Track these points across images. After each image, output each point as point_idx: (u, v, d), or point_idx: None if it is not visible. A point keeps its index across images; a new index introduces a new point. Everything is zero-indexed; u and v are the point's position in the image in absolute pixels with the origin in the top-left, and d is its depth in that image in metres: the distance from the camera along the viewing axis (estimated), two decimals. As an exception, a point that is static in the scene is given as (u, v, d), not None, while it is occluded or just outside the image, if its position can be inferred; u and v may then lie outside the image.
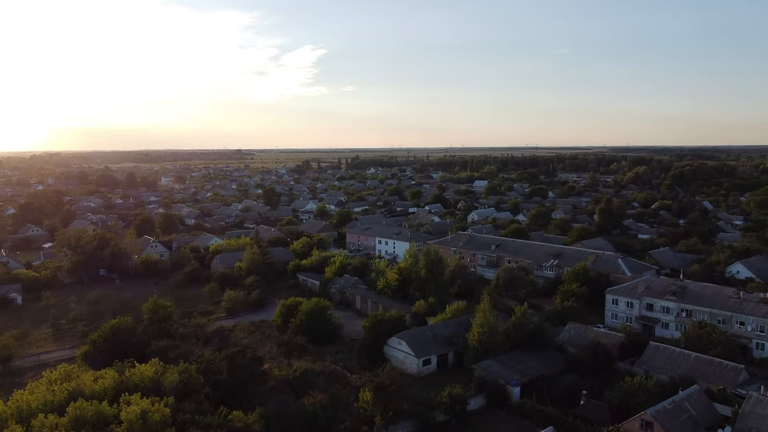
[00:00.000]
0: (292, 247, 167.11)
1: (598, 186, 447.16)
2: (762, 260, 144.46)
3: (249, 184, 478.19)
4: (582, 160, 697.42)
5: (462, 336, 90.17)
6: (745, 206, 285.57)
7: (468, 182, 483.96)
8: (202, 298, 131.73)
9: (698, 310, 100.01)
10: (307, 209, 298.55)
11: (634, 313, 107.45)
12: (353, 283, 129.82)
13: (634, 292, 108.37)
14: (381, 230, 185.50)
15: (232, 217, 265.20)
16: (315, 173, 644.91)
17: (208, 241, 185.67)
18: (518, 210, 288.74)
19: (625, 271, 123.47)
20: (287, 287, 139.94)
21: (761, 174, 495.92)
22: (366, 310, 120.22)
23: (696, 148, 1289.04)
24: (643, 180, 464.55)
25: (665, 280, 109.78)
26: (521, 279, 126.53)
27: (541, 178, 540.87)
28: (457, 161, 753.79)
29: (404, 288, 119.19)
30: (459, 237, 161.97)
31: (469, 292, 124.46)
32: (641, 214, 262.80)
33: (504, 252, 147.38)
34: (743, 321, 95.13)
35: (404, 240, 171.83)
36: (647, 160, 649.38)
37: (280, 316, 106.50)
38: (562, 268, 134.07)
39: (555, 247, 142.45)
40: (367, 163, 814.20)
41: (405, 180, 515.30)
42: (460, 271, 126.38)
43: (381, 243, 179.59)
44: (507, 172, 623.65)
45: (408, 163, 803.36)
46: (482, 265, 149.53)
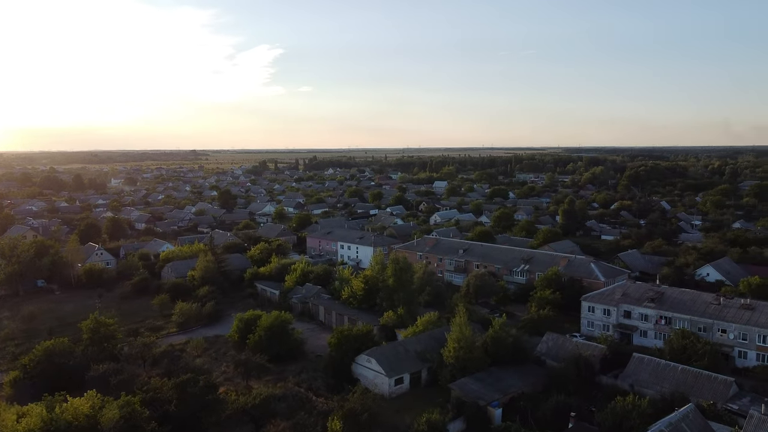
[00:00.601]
0: (250, 254, 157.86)
1: (556, 186, 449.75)
2: (729, 262, 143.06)
3: (204, 185, 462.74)
4: (539, 160, 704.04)
5: (436, 351, 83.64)
6: (702, 206, 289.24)
7: (428, 183, 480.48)
8: (151, 311, 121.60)
9: (678, 318, 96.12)
10: (264, 212, 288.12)
11: (611, 320, 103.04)
12: (316, 292, 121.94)
13: (611, 299, 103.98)
14: (343, 234, 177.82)
15: (185, 221, 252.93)
16: (272, 174, 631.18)
17: (159, 247, 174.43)
18: (481, 211, 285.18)
19: (598, 276, 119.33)
20: (244, 297, 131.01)
21: (712, 174, 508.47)
22: (330, 321, 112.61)
23: (645, 148, 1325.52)
24: (600, 180, 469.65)
25: (642, 286, 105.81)
26: (492, 285, 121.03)
27: (500, 178, 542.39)
28: (416, 162, 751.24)
29: (371, 297, 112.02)
30: (425, 241, 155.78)
31: (438, 300, 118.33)
32: (603, 215, 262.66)
33: (472, 257, 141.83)
34: (725, 329, 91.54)
35: (368, 245, 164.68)
36: (602, 161, 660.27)
37: (237, 331, 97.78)
38: (533, 273, 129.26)
39: (525, 252, 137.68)
40: (325, 163, 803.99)
41: (364, 181, 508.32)
42: (428, 278, 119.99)
43: (344, 248, 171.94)
44: (466, 173, 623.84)
45: (366, 164, 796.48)
46: (450, 270, 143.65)
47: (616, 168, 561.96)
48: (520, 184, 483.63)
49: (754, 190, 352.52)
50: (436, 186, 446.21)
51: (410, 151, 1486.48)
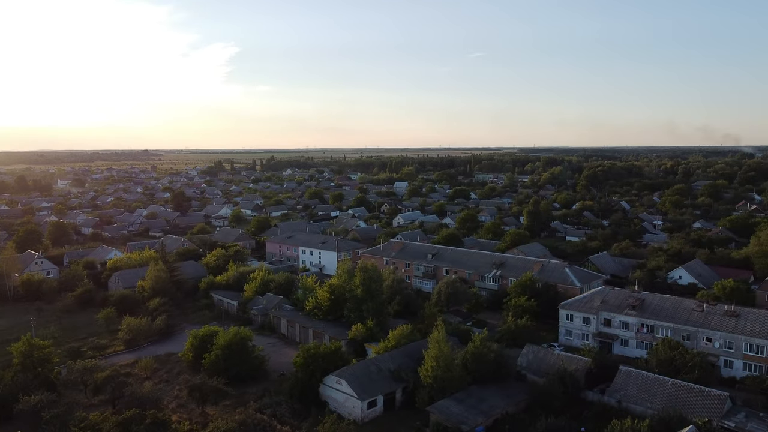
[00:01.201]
0: (205, 261, 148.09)
1: (516, 186, 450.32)
2: (700, 264, 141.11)
3: (156, 187, 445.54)
4: (498, 160, 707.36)
5: (412, 369, 76.93)
6: (661, 206, 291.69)
7: (388, 184, 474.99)
8: (96, 326, 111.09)
9: (661, 326, 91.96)
10: (221, 215, 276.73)
11: (590, 329, 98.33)
12: (277, 303, 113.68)
13: (590, 306, 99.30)
14: (305, 239, 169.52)
15: (135, 225, 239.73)
16: (228, 175, 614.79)
17: (106, 254, 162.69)
18: (444, 212, 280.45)
19: (574, 282, 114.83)
20: (200, 309, 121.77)
21: (666, 174, 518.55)
22: (293, 335, 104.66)
23: (597, 148, 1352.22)
24: (559, 180, 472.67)
25: (622, 293, 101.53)
26: (464, 292, 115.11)
27: (459, 178, 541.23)
28: (375, 162, 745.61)
29: (337, 308, 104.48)
30: (391, 246, 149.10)
31: (409, 310, 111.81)
32: (565, 216, 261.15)
33: (441, 262, 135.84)
34: (710, 337, 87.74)
35: (331, 249, 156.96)
36: (559, 161, 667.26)
37: (191, 349, 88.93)
38: (505, 279, 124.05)
39: (497, 256, 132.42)
40: (283, 164, 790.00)
41: (324, 182, 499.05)
42: (398, 286, 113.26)
43: (305, 253, 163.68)
44: (426, 173, 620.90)
45: (325, 164, 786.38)
46: (418, 276, 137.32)
47: (573, 168, 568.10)
48: (481, 184, 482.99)
49: (708, 190, 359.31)
50: (397, 186, 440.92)
51: (368, 151, 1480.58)
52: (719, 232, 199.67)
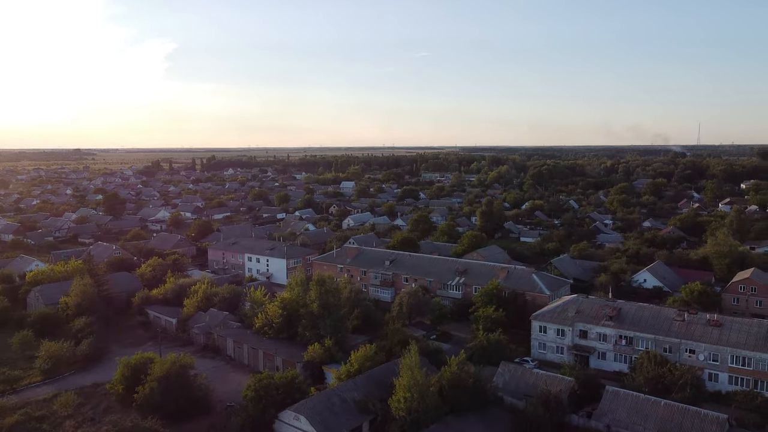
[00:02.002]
0: (140, 271, 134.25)
1: (464, 186, 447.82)
2: (663, 266, 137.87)
3: (88, 188, 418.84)
4: (443, 159, 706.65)
5: (380, 398, 67.75)
6: (608, 205, 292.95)
7: (335, 183, 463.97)
8: (10, 352, 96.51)
9: (641, 337, 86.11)
10: (158, 218, 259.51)
11: (565, 342, 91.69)
12: (222, 319, 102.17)
13: (565, 317, 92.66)
14: (251, 245, 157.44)
15: (63, 231, 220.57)
16: (167, 175, 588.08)
17: (27, 265, 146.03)
18: (394, 213, 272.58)
19: (542, 289, 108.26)
20: (133, 328, 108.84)
21: (608, 173, 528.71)
22: (241, 356, 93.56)
23: (538, 147, 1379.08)
24: (505, 179, 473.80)
25: (596, 301, 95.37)
26: (427, 303, 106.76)
27: (406, 178, 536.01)
28: (320, 161, 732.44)
29: (290, 325, 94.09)
30: (345, 251, 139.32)
31: (368, 323, 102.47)
32: (517, 216, 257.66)
33: (400, 269, 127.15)
34: (693, 349, 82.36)
35: (279, 256, 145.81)
36: (504, 160, 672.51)
37: (122, 380, 76.79)
38: (469, 287, 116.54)
39: (459, 262, 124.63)
40: (224, 163, 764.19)
41: (268, 182, 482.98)
42: (356, 298, 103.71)
43: (252, 260, 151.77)
44: (372, 173, 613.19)
45: (268, 164, 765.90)
46: (375, 285, 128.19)
47: (517, 167, 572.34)
48: (428, 183, 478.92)
49: (650, 188, 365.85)
50: (344, 186, 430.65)
51: (312, 150, 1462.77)
52: (671, 231, 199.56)
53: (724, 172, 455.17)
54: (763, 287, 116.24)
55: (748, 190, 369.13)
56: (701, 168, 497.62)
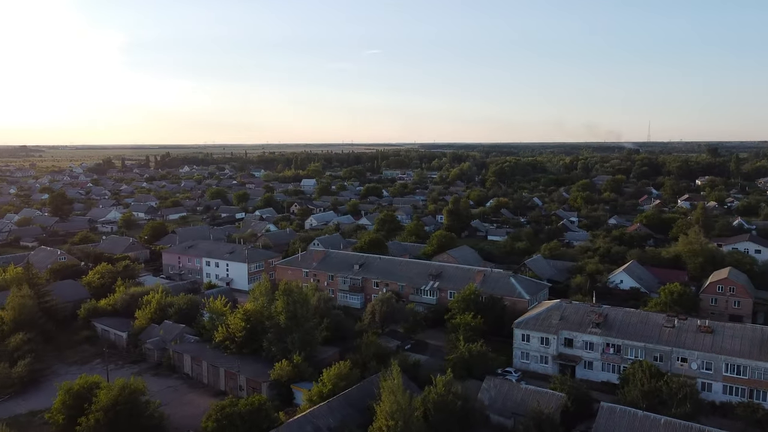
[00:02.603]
0: (87, 279, 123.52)
1: (426, 183, 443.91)
2: (638, 266, 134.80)
3: (34, 187, 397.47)
4: (404, 156, 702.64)
5: (358, 424, 60.78)
6: (572, 202, 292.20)
7: (295, 181, 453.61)
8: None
9: (630, 346, 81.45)
10: (108, 219, 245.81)
11: (550, 351, 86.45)
12: (178, 333, 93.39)
13: (549, 324, 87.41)
14: (209, 248, 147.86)
15: (3, 234, 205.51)
16: (119, 173, 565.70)
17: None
18: (358, 212, 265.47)
19: (521, 294, 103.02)
20: (78, 343, 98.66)
21: (568, 170, 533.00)
22: (200, 374, 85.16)
23: (495, 144, 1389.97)
24: (467, 176, 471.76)
25: (581, 307, 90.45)
26: (401, 310, 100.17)
27: (368, 175, 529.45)
28: (279, 158, 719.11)
29: (254, 339, 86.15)
30: (311, 255, 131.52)
31: (339, 334, 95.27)
32: (483, 213, 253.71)
33: (370, 273, 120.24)
34: (685, 357, 78.11)
35: (240, 260, 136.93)
36: (464, 157, 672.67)
37: (62, 409, 67.65)
38: (444, 291, 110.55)
39: (433, 266, 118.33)
40: (179, 160, 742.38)
41: (225, 180, 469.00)
42: (325, 306, 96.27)
43: (210, 265, 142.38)
44: (333, 170, 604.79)
45: (226, 161, 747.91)
46: (344, 290, 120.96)
47: (477, 164, 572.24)
48: (390, 180, 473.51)
49: (610, 185, 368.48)
50: (305, 184, 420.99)
51: (271, 147, 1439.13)
52: (638, 228, 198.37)
53: (679, 168, 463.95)
54: (741, 287, 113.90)
55: (704, 186, 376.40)
56: (657, 165, 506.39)
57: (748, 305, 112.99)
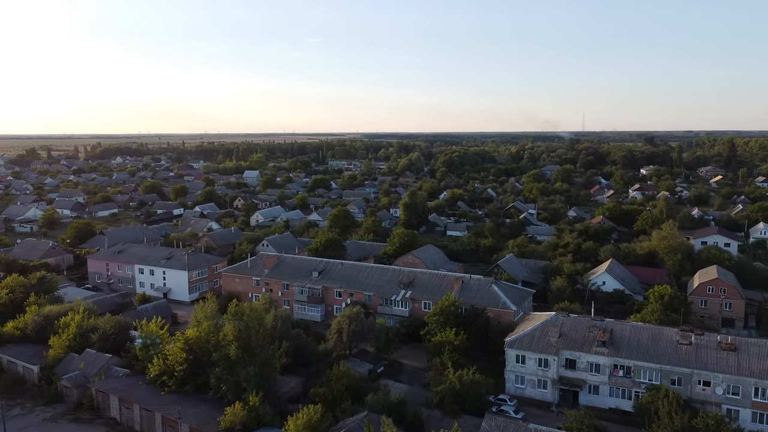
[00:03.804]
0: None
1: (374, 174, 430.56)
2: (618, 266, 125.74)
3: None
4: (350, 146, 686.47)
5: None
6: (527, 193, 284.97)
7: (237, 173, 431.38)
8: None
9: (642, 367, 70.57)
10: (28, 217, 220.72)
11: (549, 374, 74.72)
12: (104, 365, 76.61)
13: (547, 343, 75.64)
14: (143, 253, 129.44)
15: None
16: (44, 165, 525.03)
17: None
18: (307, 206, 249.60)
19: (507, 304, 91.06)
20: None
21: (515, 160, 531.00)
22: (131, 420, 68.94)
23: (437, 134, 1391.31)
24: (416, 167, 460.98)
25: (581, 321, 79.11)
26: (372, 328, 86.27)
27: (313, 165, 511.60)
28: (219, 149, 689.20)
29: (199, 373, 70.61)
30: (262, 260, 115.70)
31: (300, 358, 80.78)
32: (438, 207, 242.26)
33: (332, 281, 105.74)
34: (708, 380, 67.76)
35: (179, 267, 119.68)
36: (410, 147, 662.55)
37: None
38: (418, 302, 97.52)
39: (403, 272, 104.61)
40: (112, 151, 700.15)
41: (161, 172, 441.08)
42: (283, 326, 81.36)
43: (144, 273, 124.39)
44: (276, 160, 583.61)
45: (162, 151, 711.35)
46: (302, 301, 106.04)
47: (424, 154, 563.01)
48: (337, 171, 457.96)
49: (560, 175, 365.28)
50: (248, 176, 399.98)
51: (209, 137, 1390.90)
52: (601, 221, 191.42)
53: (624, 158, 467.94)
54: (733, 289, 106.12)
55: (650, 176, 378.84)
56: (602, 154, 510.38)
57: (740, 307, 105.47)
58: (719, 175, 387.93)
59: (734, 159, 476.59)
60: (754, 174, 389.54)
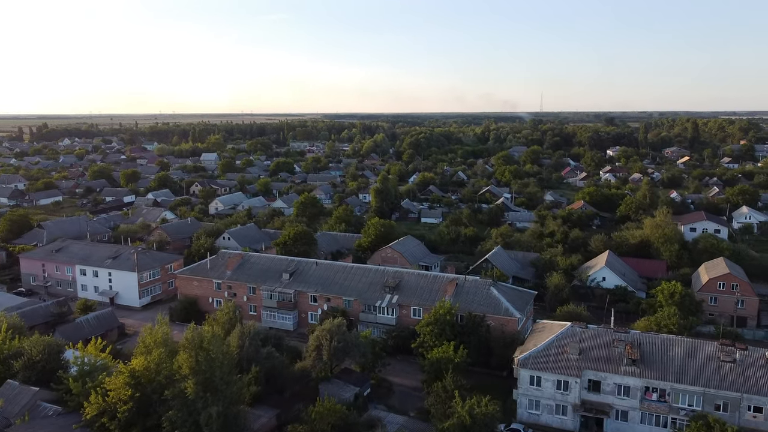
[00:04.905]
0: None
1: (339, 156, 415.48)
2: (616, 258, 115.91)
3: None
4: (312, 127, 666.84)
5: None
6: (499, 176, 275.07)
7: (194, 156, 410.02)
8: None
9: (681, 391, 60.05)
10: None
11: (570, 398, 63.65)
12: (29, 401, 61.94)
13: (566, 362, 64.44)
14: (85, 251, 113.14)
15: None
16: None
17: None
18: (270, 191, 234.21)
19: (510, 310, 79.65)
20: None
21: (481, 141, 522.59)
22: (61, 476, 54.89)
23: (398, 115, 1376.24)
24: (381, 149, 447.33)
25: (601, 334, 68.06)
26: (357, 344, 73.40)
27: (274, 147, 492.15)
28: (174, 130, 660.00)
29: (148, 413, 56.88)
30: (224, 260, 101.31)
31: (274, 385, 67.82)
32: (409, 191, 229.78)
33: (305, 284, 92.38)
34: (760, 405, 57.68)
35: (127, 268, 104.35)
36: (374, 128, 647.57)
37: None
38: (406, 308, 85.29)
39: (388, 273, 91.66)
40: (59, 132, 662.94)
41: (113, 154, 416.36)
42: (251, 347, 67.95)
43: (87, 275, 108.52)
44: (235, 142, 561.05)
45: (114, 133, 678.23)
46: (271, 307, 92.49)
47: (388, 135, 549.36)
48: (299, 153, 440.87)
49: (529, 157, 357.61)
50: (205, 159, 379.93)
51: (164, 117, 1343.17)
52: (583, 207, 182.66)
53: (590, 139, 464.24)
54: (745, 284, 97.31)
55: (618, 157, 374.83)
56: (568, 135, 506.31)
57: (754, 305, 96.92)
58: (685, 156, 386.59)
59: (697, 140, 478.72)
60: (718, 155, 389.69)
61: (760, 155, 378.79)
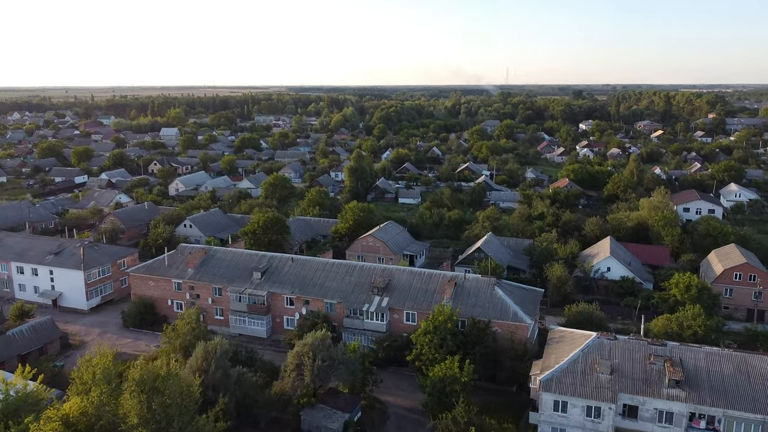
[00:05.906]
0: None
1: (306, 131, 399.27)
2: (619, 246, 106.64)
3: None
4: (278, 101, 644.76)
5: None
6: (476, 152, 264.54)
7: (153, 131, 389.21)
8: None
9: (735, 418, 50.65)
10: None
11: (602, 427, 53.75)
12: (-65, 452, 49.13)
13: (597, 384, 54.36)
14: (23, 246, 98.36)
15: None
16: None
17: None
18: (236, 170, 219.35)
19: (519, 315, 69.18)
20: None
21: (454, 114, 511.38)
22: None
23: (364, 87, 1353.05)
24: (351, 123, 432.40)
25: (633, 347, 57.97)
26: (346, 361, 62.02)
27: (238, 122, 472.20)
28: (132, 103, 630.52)
29: (87, 470, 44.87)
30: (185, 255, 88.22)
31: (247, 417, 56.27)
32: (385, 169, 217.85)
33: (279, 284, 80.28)
34: (830, 437, 48.63)
35: (73, 266, 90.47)
36: (342, 101, 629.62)
37: None
38: (398, 313, 74.14)
39: (376, 271, 79.78)
40: (8, 106, 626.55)
41: (66, 130, 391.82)
42: (218, 368, 56.13)
43: (25, 273, 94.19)
44: (197, 116, 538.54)
45: (68, 106, 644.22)
46: (240, 311, 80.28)
47: (357, 108, 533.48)
48: (264, 128, 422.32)
49: (504, 131, 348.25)
50: (165, 135, 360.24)
51: (122, 90, 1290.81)
52: (568, 186, 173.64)
53: (563, 113, 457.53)
54: (764, 275, 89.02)
55: (592, 131, 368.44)
56: (540, 109, 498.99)
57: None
58: (659, 129, 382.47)
59: (669, 113, 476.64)
60: (691, 128, 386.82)
61: (731, 129, 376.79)
